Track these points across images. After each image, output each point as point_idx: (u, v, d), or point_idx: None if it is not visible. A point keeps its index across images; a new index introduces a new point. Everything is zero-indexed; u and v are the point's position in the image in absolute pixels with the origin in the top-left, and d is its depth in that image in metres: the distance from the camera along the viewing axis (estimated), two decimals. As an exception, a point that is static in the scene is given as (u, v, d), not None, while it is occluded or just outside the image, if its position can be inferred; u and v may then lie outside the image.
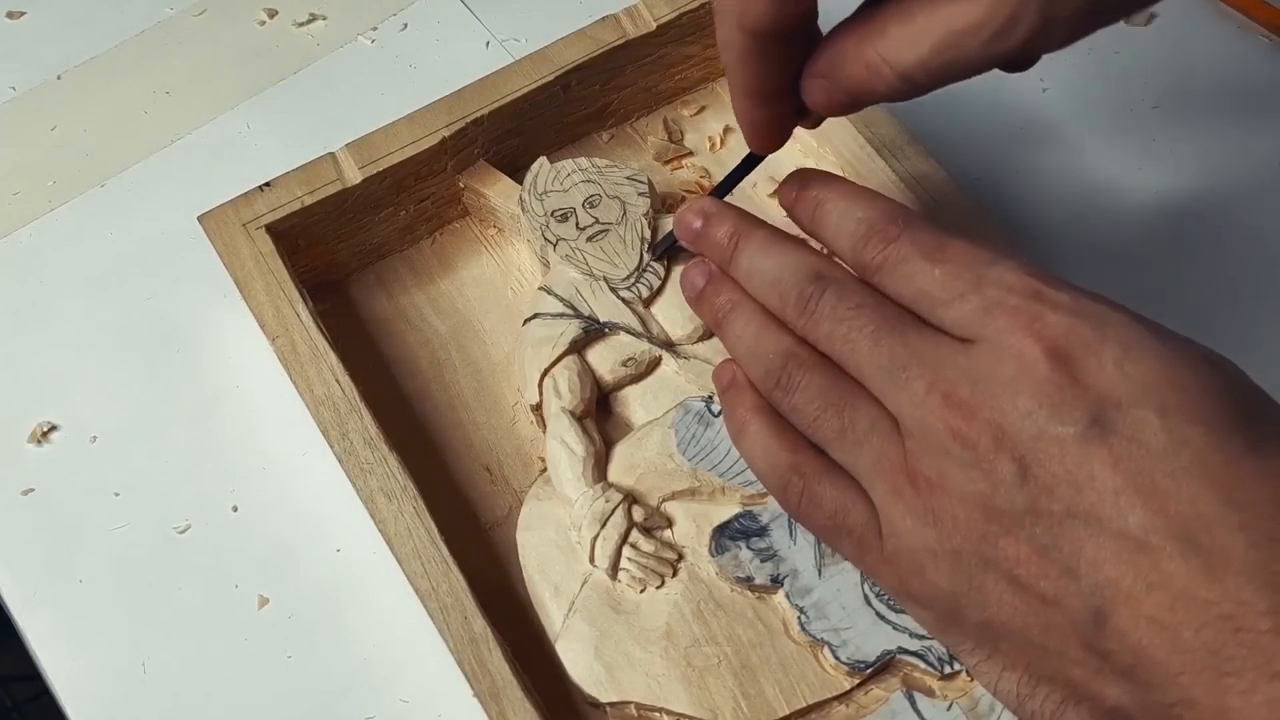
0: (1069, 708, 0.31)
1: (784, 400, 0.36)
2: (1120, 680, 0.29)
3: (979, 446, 0.31)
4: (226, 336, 0.48)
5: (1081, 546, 0.29)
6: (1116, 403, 0.30)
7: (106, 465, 0.46)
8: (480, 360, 0.47)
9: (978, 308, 0.32)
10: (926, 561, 0.32)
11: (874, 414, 0.34)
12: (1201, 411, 0.29)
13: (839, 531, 0.35)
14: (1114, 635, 0.29)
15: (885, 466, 0.33)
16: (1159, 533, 0.28)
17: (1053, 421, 0.30)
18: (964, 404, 0.31)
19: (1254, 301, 0.49)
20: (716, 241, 0.38)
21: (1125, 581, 0.29)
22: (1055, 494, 0.30)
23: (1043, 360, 0.31)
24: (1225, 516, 0.28)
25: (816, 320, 0.35)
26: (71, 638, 0.43)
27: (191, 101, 0.55)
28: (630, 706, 0.39)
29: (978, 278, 0.33)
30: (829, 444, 0.35)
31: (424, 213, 0.49)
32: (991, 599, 0.31)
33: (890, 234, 0.34)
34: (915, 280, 0.34)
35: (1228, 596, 0.27)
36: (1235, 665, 0.27)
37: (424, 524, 0.40)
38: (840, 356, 0.35)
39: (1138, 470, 0.29)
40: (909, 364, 0.33)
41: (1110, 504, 0.29)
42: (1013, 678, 0.32)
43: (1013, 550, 0.31)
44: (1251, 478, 0.29)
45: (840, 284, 0.35)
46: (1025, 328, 0.31)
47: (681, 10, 0.50)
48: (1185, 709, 0.28)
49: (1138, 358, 0.30)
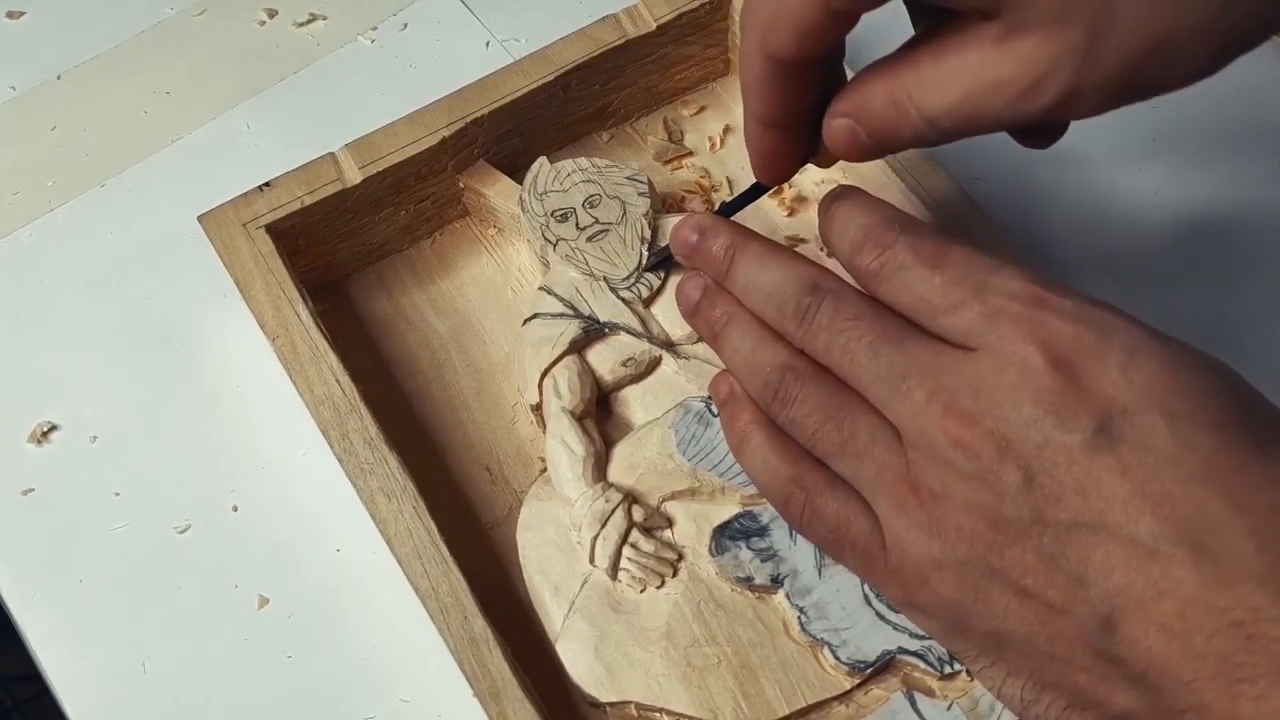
0: (1074, 713, 0.31)
1: (782, 413, 0.35)
2: (1130, 687, 0.29)
3: (982, 456, 0.31)
4: (226, 336, 0.48)
5: (1090, 554, 0.29)
6: (1122, 409, 0.30)
7: (106, 465, 0.46)
8: (480, 360, 0.47)
9: (979, 315, 0.32)
10: (931, 573, 0.32)
11: (875, 425, 0.33)
12: (1208, 416, 0.29)
13: (842, 544, 0.35)
14: (1124, 642, 0.29)
15: (888, 478, 0.33)
16: (1168, 539, 0.28)
17: (1058, 429, 0.30)
18: (966, 413, 0.31)
19: (1255, 302, 0.49)
20: (713, 255, 0.38)
21: (1135, 589, 0.29)
22: (1062, 502, 0.30)
23: (1046, 368, 0.30)
24: (1234, 521, 0.28)
25: (814, 331, 0.35)
26: (71, 638, 0.43)
27: (191, 101, 0.55)
28: (630, 706, 0.39)
29: (979, 285, 0.32)
30: (830, 457, 0.35)
31: (424, 213, 0.49)
32: (998, 609, 0.31)
33: (886, 240, 0.34)
34: (914, 288, 0.33)
35: (1239, 603, 0.27)
36: (1247, 671, 0.27)
37: (424, 524, 0.40)
38: (839, 368, 0.34)
39: (1146, 477, 0.29)
40: (909, 374, 0.32)
41: (1119, 511, 0.29)
42: (1017, 684, 0.32)
43: (1019, 560, 0.30)
44: (1260, 482, 0.28)
45: (838, 294, 0.35)
46: (1028, 335, 0.31)
47: (681, 10, 0.50)
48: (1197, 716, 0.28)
49: (1142, 363, 0.30)
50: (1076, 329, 0.31)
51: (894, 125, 0.35)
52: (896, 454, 0.33)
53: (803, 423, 0.35)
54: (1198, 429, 0.29)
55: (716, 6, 0.51)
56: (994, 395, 0.31)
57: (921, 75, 0.33)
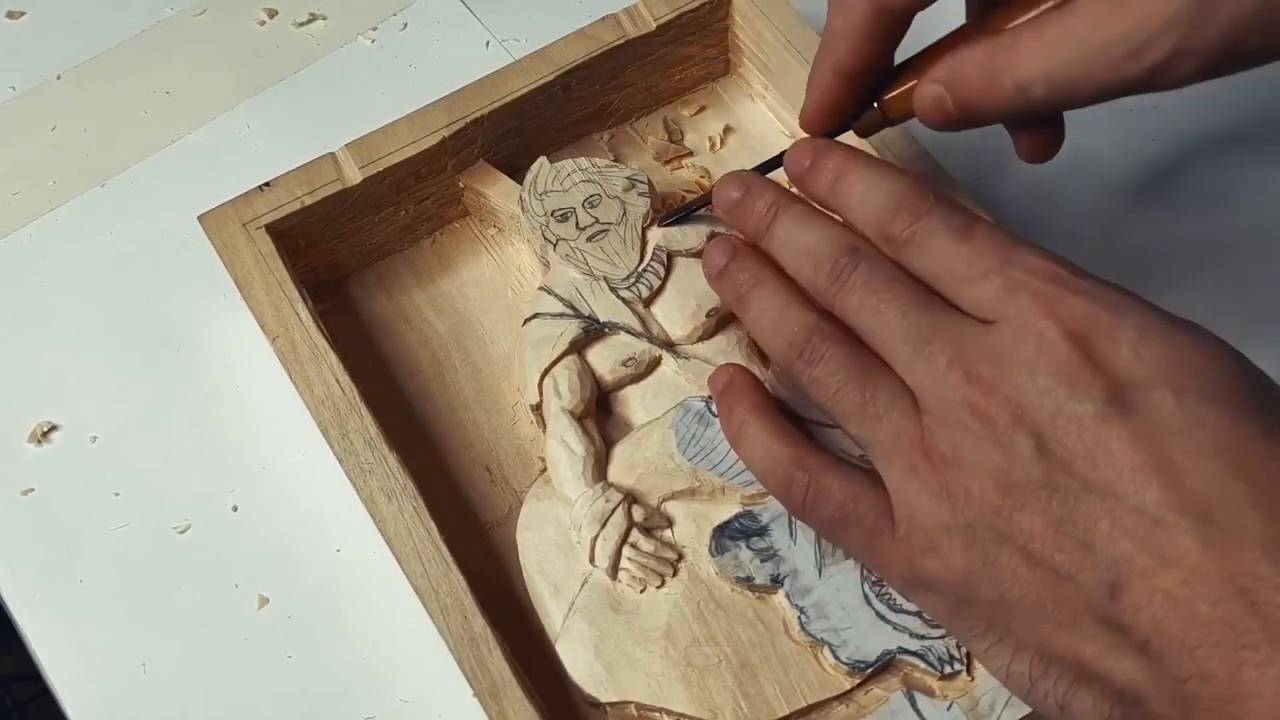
0: (1080, 687, 0.31)
1: (806, 372, 0.36)
2: (1135, 655, 0.30)
3: (997, 422, 0.32)
4: (226, 336, 0.48)
5: (1097, 521, 0.30)
6: (1134, 384, 0.30)
7: (106, 465, 0.46)
8: (480, 360, 0.47)
9: (1000, 288, 0.33)
10: (940, 538, 0.33)
11: (894, 389, 0.34)
12: (1216, 393, 0.30)
13: (848, 522, 0.35)
14: (1129, 609, 0.29)
15: (903, 442, 0.34)
16: (1174, 508, 0.29)
17: (1071, 399, 0.31)
18: (983, 380, 0.32)
19: (1255, 300, 0.49)
20: (755, 210, 0.39)
21: (1140, 556, 0.29)
22: (1072, 469, 0.30)
23: (1062, 342, 0.31)
24: (1240, 493, 0.29)
25: (849, 291, 0.35)
26: (71, 638, 0.43)
27: (191, 101, 0.55)
28: (630, 706, 0.39)
29: (1002, 259, 0.33)
30: (848, 417, 0.35)
31: (424, 213, 0.49)
32: (1005, 574, 0.32)
33: (921, 209, 0.35)
34: (941, 256, 0.34)
35: (1243, 570, 0.28)
36: (1251, 638, 0.27)
37: (424, 524, 0.40)
38: (867, 328, 0.35)
39: (1154, 448, 0.30)
40: (933, 339, 0.33)
41: (1127, 480, 0.30)
42: (1024, 659, 0.32)
43: (1027, 524, 0.31)
44: (1265, 457, 0.29)
45: (874, 259, 0.36)
46: (1046, 310, 0.32)
47: (681, 10, 0.50)
48: (1200, 683, 0.28)
49: (1153, 341, 0.31)
50: (1091, 306, 0.32)
51: (984, 95, 0.36)
52: (912, 419, 0.34)
53: (825, 381, 0.36)
54: (1205, 404, 0.30)
55: (716, 6, 0.51)
56: (1011, 365, 0.32)
57: (1021, 43, 0.35)
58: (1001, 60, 0.35)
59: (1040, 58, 0.34)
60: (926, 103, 0.37)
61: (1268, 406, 0.30)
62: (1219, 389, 0.30)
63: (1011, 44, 0.35)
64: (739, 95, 0.54)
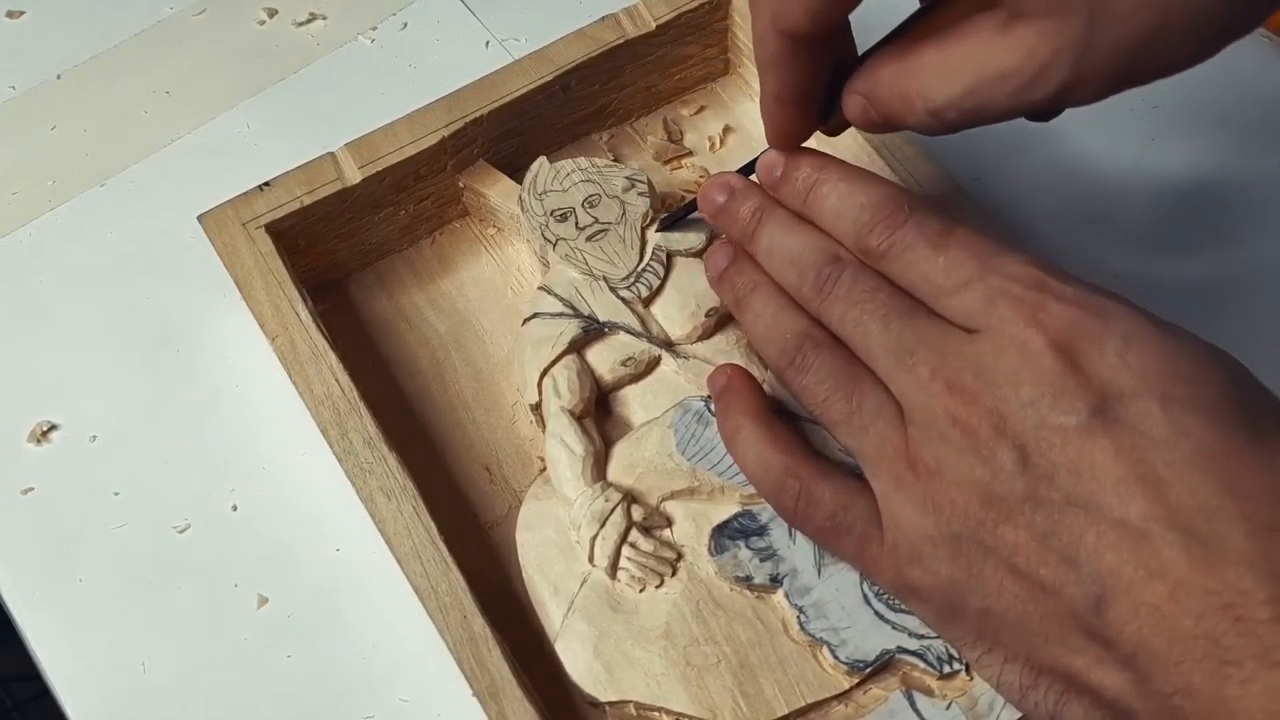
0: (1070, 698, 0.31)
1: (796, 380, 0.36)
2: (1121, 670, 0.29)
3: (979, 434, 0.31)
4: (226, 336, 0.48)
5: (1081, 534, 0.30)
6: (1118, 393, 0.30)
7: (106, 465, 0.46)
8: (480, 360, 0.47)
9: (981, 297, 0.33)
10: (926, 549, 0.33)
11: (880, 399, 0.34)
12: (1203, 403, 0.30)
13: (838, 530, 0.35)
14: (1114, 624, 0.29)
15: (889, 452, 0.34)
16: (1159, 521, 0.29)
17: (1054, 411, 0.30)
18: (966, 391, 0.32)
19: (1254, 301, 0.49)
20: (740, 216, 0.39)
21: (1125, 570, 0.29)
22: (1055, 482, 0.30)
23: (1045, 351, 0.31)
24: (1225, 506, 0.28)
25: (832, 301, 0.35)
26: (71, 638, 0.43)
27: (191, 101, 0.55)
28: (630, 706, 0.39)
29: (982, 267, 0.33)
30: (835, 425, 0.35)
31: (424, 213, 0.49)
32: (991, 586, 0.31)
33: (896, 220, 0.35)
34: (919, 267, 0.34)
35: (1228, 585, 0.28)
36: (1235, 654, 0.27)
37: (423, 523, 0.40)
38: (851, 338, 0.35)
39: (1138, 460, 0.29)
40: (916, 349, 0.33)
41: (1110, 492, 0.29)
42: (1015, 670, 0.32)
43: (1011, 537, 0.31)
44: (1252, 469, 0.29)
45: (856, 268, 0.36)
46: (1029, 318, 0.31)
47: (681, 10, 0.50)
48: (1185, 698, 0.28)
49: (1140, 349, 0.31)
50: (1076, 313, 0.31)
51: (901, 113, 0.35)
52: (898, 429, 0.33)
53: (814, 389, 0.36)
54: (1192, 414, 0.29)
55: (716, 6, 0.51)
56: (994, 376, 0.31)
57: (926, 66, 0.34)
58: (911, 82, 0.34)
59: (945, 83, 0.33)
60: (854, 112, 0.37)
61: (1259, 414, 0.30)
62: (1207, 397, 0.30)
63: (918, 67, 0.34)
64: (739, 95, 0.54)
